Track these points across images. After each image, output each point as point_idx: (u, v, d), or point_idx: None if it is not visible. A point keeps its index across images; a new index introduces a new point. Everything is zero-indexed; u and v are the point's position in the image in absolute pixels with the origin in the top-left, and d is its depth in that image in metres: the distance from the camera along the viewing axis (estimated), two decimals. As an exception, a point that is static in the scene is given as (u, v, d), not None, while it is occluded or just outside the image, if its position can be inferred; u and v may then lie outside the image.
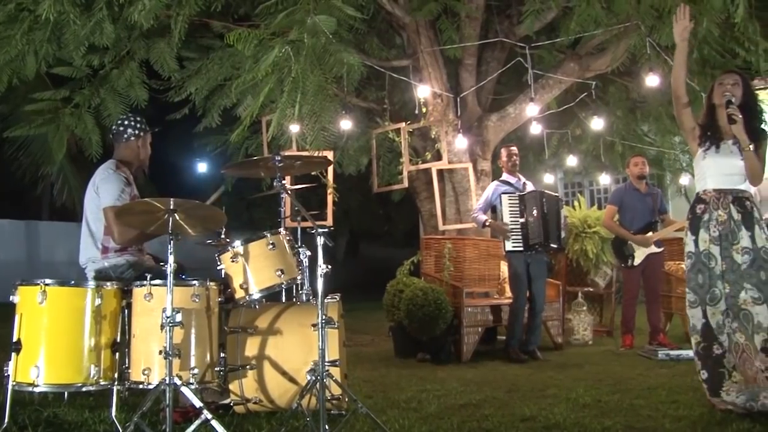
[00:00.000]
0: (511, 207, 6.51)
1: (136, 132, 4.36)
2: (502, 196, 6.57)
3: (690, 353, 5.94)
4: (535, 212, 6.43)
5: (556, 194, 6.83)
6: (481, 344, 6.64)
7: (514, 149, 6.92)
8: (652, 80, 7.29)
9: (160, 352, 3.43)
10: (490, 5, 8.20)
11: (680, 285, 7.34)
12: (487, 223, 6.65)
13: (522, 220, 6.45)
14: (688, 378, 5.02)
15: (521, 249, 6.46)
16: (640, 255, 6.82)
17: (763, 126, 4.07)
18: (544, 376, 5.40)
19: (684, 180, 10.75)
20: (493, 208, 6.70)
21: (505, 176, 6.82)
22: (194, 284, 3.73)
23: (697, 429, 3.64)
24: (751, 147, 3.87)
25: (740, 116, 3.85)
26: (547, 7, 6.98)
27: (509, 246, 6.49)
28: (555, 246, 6.67)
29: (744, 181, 3.96)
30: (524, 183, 6.82)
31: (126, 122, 4.38)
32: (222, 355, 3.89)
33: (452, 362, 6.27)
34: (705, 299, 3.90)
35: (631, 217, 6.92)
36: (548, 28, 8.11)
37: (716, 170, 4.00)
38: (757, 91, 4.21)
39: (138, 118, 4.43)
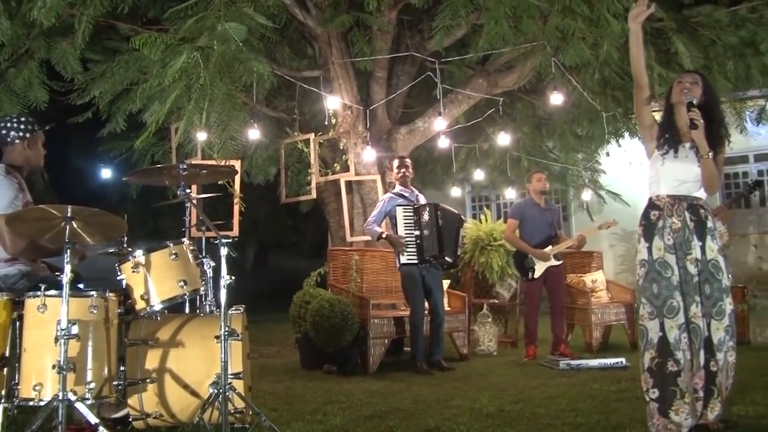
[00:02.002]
0: (406, 219, 6.45)
1: (20, 134, 4.01)
2: (397, 208, 6.50)
3: (591, 363, 6.20)
4: (430, 225, 6.39)
5: (457, 211, 6.78)
6: (387, 356, 6.64)
7: (407, 160, 6.86)
8: (556, 98, 7.53)
9: (54, 367, 3.29)
10: (402, 19, 8.31)
11: (581, 297, 7.59)
12: (384, 236, 6.50)
13: (417, 233, 6.41)
14: (587, 387, 5.19)
15: (415, 262, 6.41)
16: (540, 268, 6.96)
17: (723, 131, 3.88)
18: (449, 387, 5.46)
19: (586, 195, 11.14)
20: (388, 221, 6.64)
21: (398, 188, 6.73)
22: (92, 295, 3.58)
23: (594, 437, 3.78)
24: (710, 154, 3.69)
25: (702, 121, 3.64)
26: (457, 23, 7.09)
27: (404, 259, 6.43)
28: (450, 260, 6.57)
29: (700, 188, 3.80)
30: (417, 195, 6.78)
31: (8, 125, 4.02)
32: (121, 368, 3.77)
33: (358, 374, 6.25)
34: (663, 311, 3.64)
35: (531, 230, 7.05)
36: (458, 44, 8.27)
37: (672, 176, 3.81)
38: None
39: (22, 119, 4.08)
